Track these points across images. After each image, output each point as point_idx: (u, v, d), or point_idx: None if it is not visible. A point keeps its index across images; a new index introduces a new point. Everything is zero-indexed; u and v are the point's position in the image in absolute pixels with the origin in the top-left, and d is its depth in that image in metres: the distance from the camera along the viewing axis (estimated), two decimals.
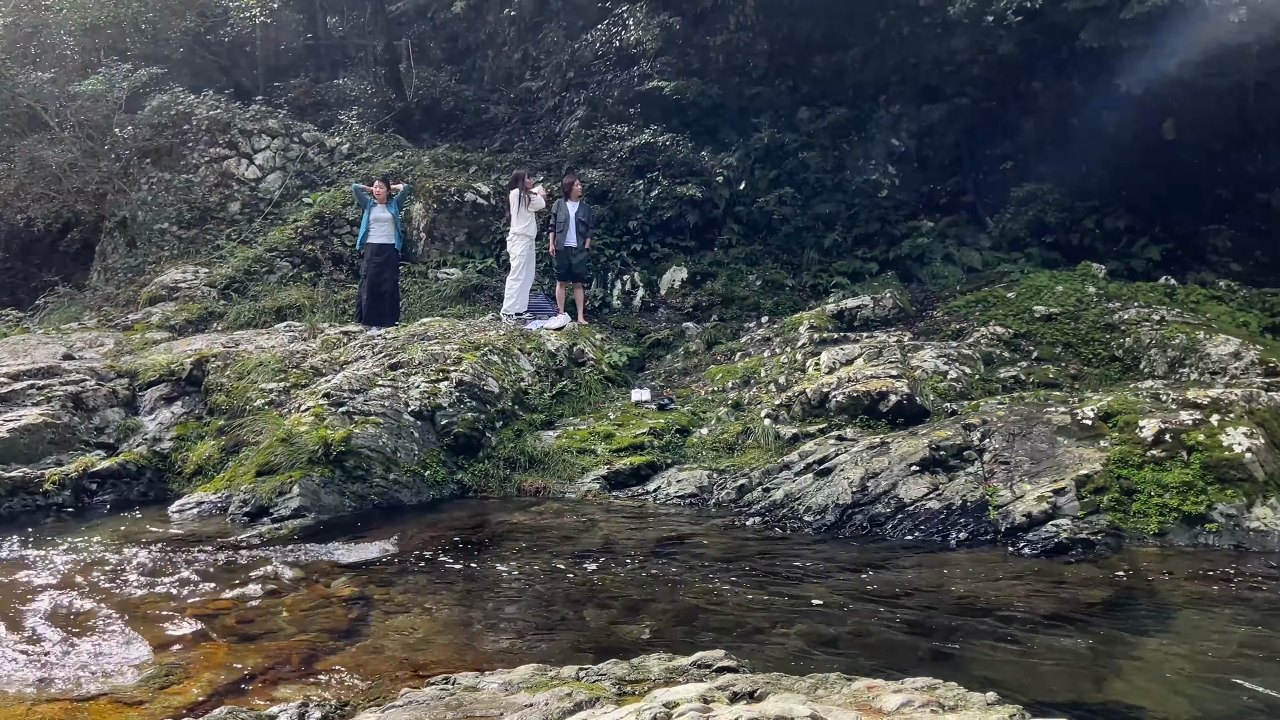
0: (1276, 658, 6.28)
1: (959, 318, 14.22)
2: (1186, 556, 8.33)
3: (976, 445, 9.84)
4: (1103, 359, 12.67)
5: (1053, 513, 8.73)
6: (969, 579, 7.85)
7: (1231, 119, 15.39)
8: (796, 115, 18.68)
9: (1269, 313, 13.66)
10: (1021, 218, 15.95)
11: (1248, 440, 9.08)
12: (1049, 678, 5.94)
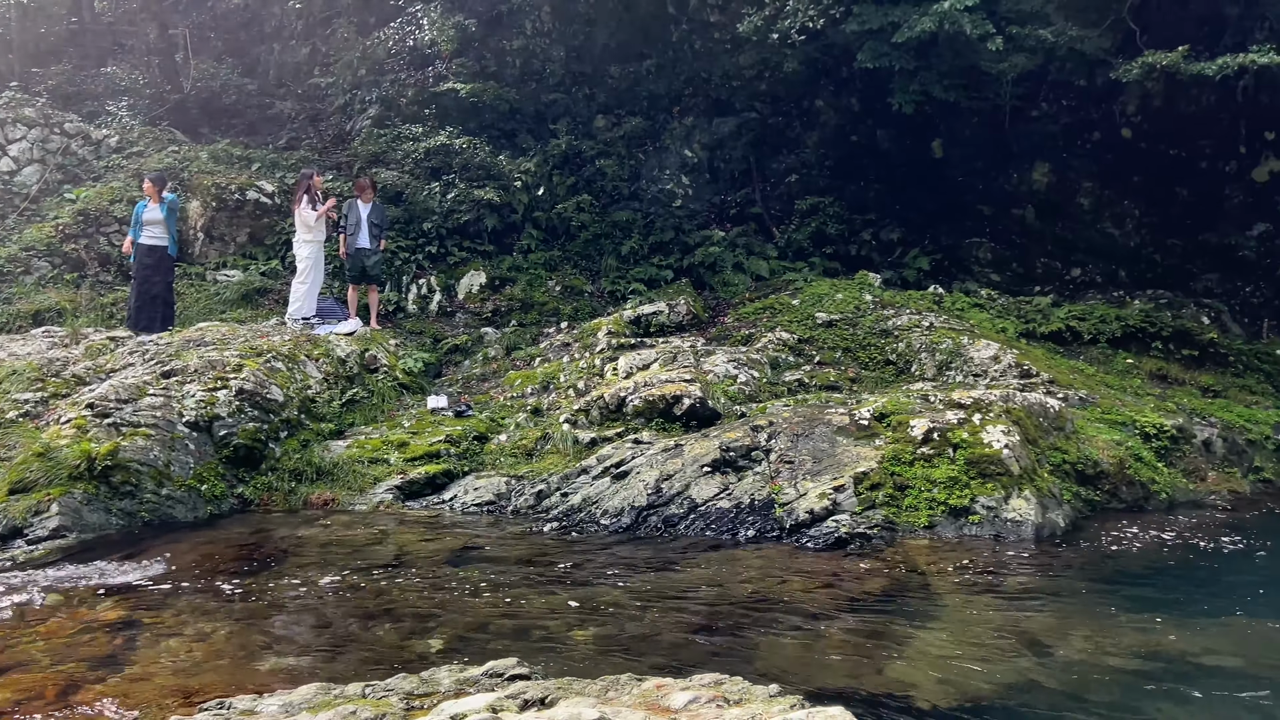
0: (1027, 637, 6.84)
1: (748, 324, 14.75)
2: (952, 547, 8.94)
3: (764, 446, 10.21)
4: (879, 362, 13.45)
5: (833, 509, 9.17)
6: (757, 575, 8.13)
7: (991, 140, 16.73)
8: (594, 123, 18.88)
9: (1024, 319, 14.91)
10: (805, 229, 16.73)
11: (1005, 437, 9.85)
12: (830, 667, 6.22)
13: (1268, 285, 16.03)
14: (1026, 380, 12.43)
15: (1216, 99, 15.79)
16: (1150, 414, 12.15)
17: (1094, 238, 16.42)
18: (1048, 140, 16.59)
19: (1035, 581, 8.17)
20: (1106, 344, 14.57)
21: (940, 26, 13.74)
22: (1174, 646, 6.73)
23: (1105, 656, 6.54)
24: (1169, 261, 16.25)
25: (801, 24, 14.71)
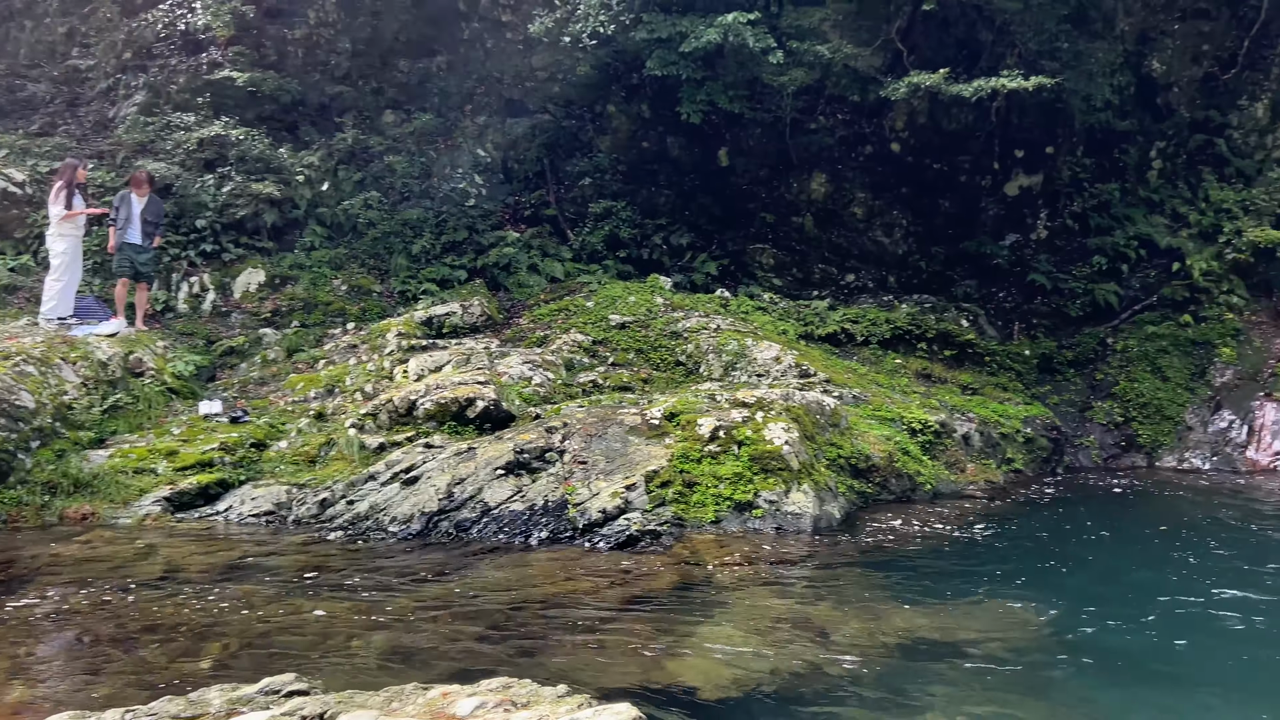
0: (807, 625, 7.16)
1: (543, 325, 14.74)
2: (737, 540, 9.24)
3: (558, 447, 10.23)
4: (670, 363, 13.76)
5: (625, 508, 9.29)
6: (550, 576, 8.12)
7: (774, 150, 17.45)
8: (382, 118, 18.37)
9: (803, 322, 15.64)
10: (599, 232, 16.90)
11: (786, 434, 10.28)
12: (620, 664, 6.29)
13: (1018, 291, 17.51)
14: (805, 380, 13.03)
15: (974, 118, 17.10)
16: (916, 410, 13.01)
17: (867, 245, 17.44)
18: (825, 152, 17.47)
19: (814, 571, 8.57)
20: (877, 345, 15.50)
21: (725, 38, 14.22)
22: (938, 627, 7.22)
23: (878, 639, 6.93)
24: (933, 268, 17.46)
25: (593, 29, 14.86)
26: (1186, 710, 5.94)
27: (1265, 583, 8.62)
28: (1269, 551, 9.85)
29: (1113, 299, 16.92)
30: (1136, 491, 13.23)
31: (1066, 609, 7.69)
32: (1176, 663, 6.71)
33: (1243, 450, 15.25)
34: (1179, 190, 17.73)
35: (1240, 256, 16.57)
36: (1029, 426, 14.24)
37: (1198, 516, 11.64)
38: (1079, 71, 16.27)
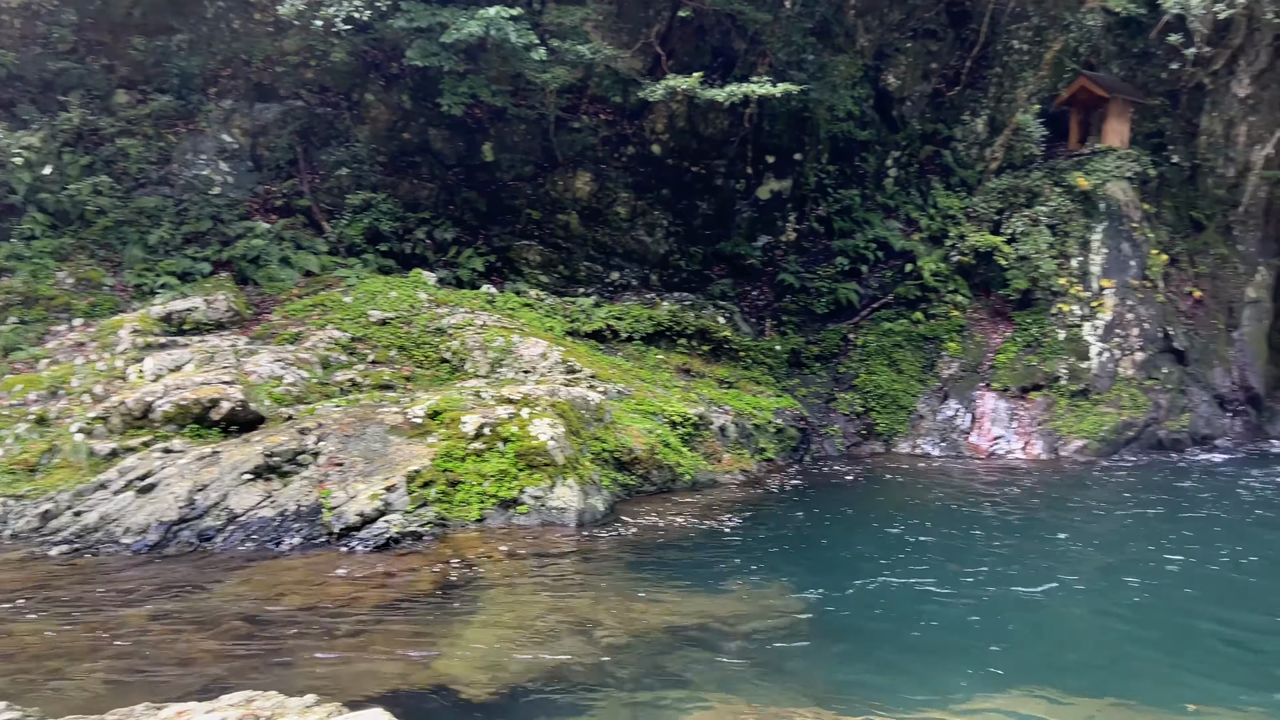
0: (570, 618, 7.20)
1: (297, 321, 14.05)
2: (503, 537, 9.17)
3: (312, 449, 9.78)
4: (434, 360, 13.47)
5: (385, 509, 9.01)
6: (303, 584, 7.75)
7: (539, 147, 17.45)
8: (114, 98, 16.88)
9: (569, 318, 15.74)
10: (358, 224, 16.30)
11: (551, 430, 10.30)
12: (377, 669, 6.08)
13: (770, 289, 18.39)
14: (571, 375, 13.12)
15: (729, 123, 17.81)
16: (677, 404, 13.39)
17: (630, 244, 17.78)
18: (589, 151, 17.66)
19: (577, 565, 8.63)
20: (641, 341, 15.84)
21: (487, 31, 14.06)
22: (696, 611, 7.45)
23: (640, 627, 7.07)
24: (692, 267, 18.04)
25: (347, 14, 14.28)
26: (903, 666, 6.42)
27: (971, 556, 9.48)
28: (979, 527, 10.82)
29: (854, 297, 18.10)
30: (875, 476, 14.20)
31: (810, 586, 8.15)
32: (896, 628, 7.25)
33: (966, 436, 16.72)
34: (912, 197, 19.19)
35: (964, 259, 18.14)
36: (780, 417, 14.98)
37: (926, 497, 12.66)
38: (824, 83, 17.28)
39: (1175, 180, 20.58)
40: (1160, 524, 11.38)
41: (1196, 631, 7.55)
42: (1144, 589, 8.65)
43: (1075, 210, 18.03)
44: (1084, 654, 7.02)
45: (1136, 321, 17.78)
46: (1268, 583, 8.94)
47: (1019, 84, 18.91)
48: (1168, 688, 6.30)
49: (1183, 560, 9.59)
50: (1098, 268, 17.96)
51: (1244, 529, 11.17)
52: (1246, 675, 6.63)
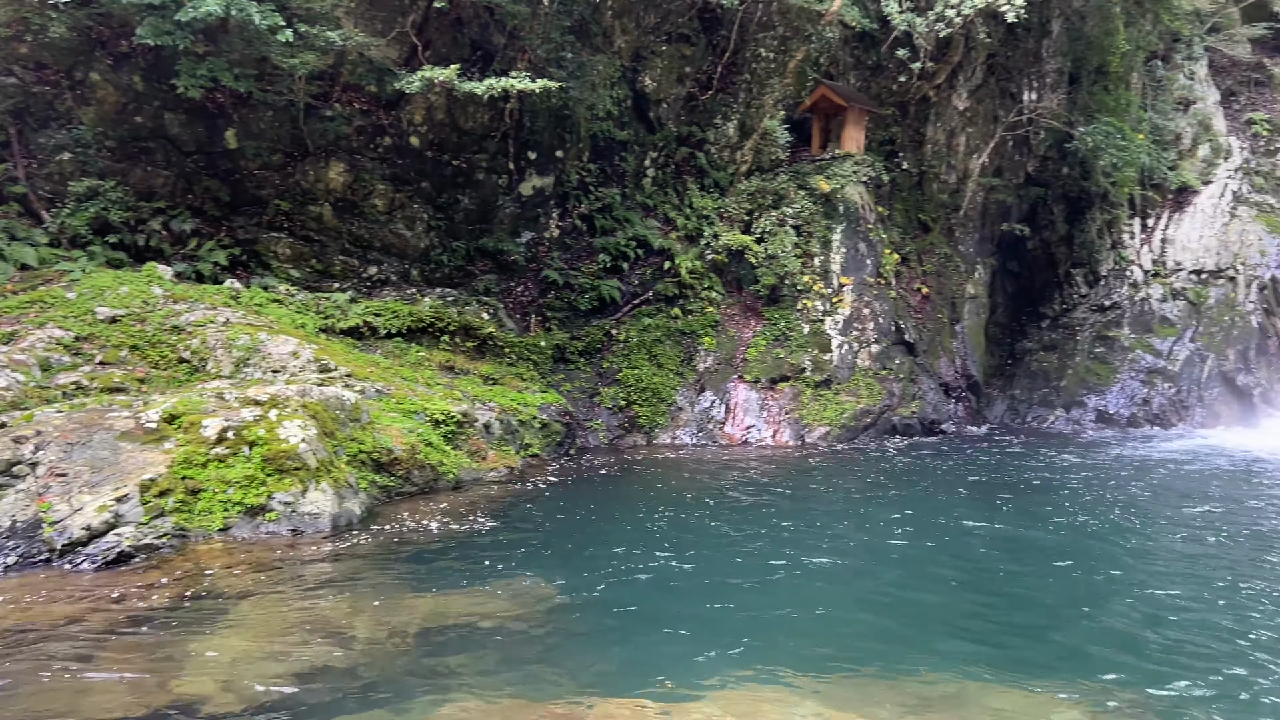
0: (324, 626, 6.91)
1: (10, 319, 12.70)
2: (250, 547, 8.68)
3: (29, 459, 8.88)
4: (171, 361, 12.56)
5: (115, 522, 8.32)
6: (19, 608, 7.03)
7: (288, 135, 16.62)
8: None
9: (323, 315, 15.11)
10: (83, 214, 14.94)
11: (302, 432, 9.85)
12: (111, 694, 5.61)
13: (534, 285, 18.43)
14: (326, 374, 12.61)
15: (490, 118, 17.66)
16: (439, 402, 13.15)
17: (389, 237, 17.28)
18: (343, 141, 17.00)
19: (333, 571, 8.30)
20: (401, 338, 15.45)
21: (228, 11, 13.24)
22: (458, 611, 7.34)
23: (399, 630, 6.88)
24: (455, 262, 17.77)
25: None
26: (654, 651, 6.62)
27: (721, 541, 9.90)
28: (729, 513, 11.31)
29: (616, 294, 18.44)
30: (635, 468, 14.53)
31: (567, 578, 8.23)
32: (648, 614, 7.47)
33: (722, 426, 17.42)
34: (669, 197, 19.78)
35: (717, 257, 18.89)
36: (545, 413, 15.04)
37: (682, 487, 13.08)
38: (583, 81, 17.48)
39: (905, 185, 22.31)
40: (890, 503, 12.30)
41: (924, 602, 8.21)
42: (875, 564, 9.32)
43: (818, 212, 19.17)
44: (821, 628, 7.46)
45: (872, 316, 19.13)
46: (981, 552, 9.87)
47: (766, 90, 19.87)
48: (901, 656, 6.80)
49: (910, 535, 10.41)
50: (838, 266, 19.18)
51: (958, 504, 12.27)
52: (970, 638, 7.27)
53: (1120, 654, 6.92)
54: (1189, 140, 25.37)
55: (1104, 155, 21.98)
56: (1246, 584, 8.61)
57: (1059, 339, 24.13)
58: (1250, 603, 8.09)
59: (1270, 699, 6.10)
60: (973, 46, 21.19)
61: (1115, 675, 6.47)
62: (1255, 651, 6.93)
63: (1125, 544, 10.24)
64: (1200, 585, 8.59)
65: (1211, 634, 7.29)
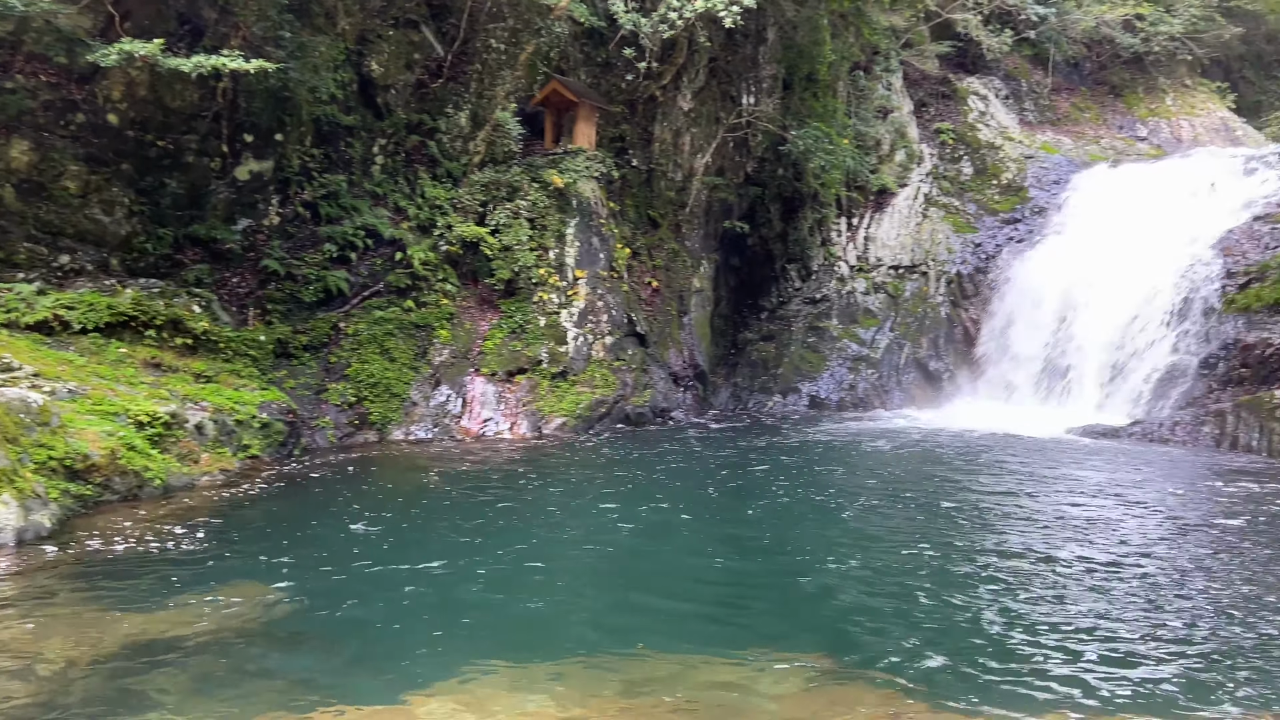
0: (3, 653, 6.21)
1: None
2: None
3: None
4: None
5: None
6: None
7: None
8: None
9: (5, 309, 13.54)
10: None
11: None
12: None
13: (252, 276, 17.36)
14: (8, 375, 11.31)
15: (201, 97, 16.44)
16: (144, 402, 12.14)
17: (84, 223, 15.72)
18: (26, 115, 15.26)
19: (17, 590, 7.48)
20: (99, 333, 14.10)
21: None
22: (163, 628, 6.81)
23: (95, 650, 6.31)
24: (161, 251, 16.42)
25: None
26: (374, 655, 6.46)
27: (449, 538, 9.82)
28: (459, 509, 11.23)
29: (344, 285, 17.74)
30: (366, 466, 14.08)
31: (290, 586, 7.86)
32: (370, 619, 7.27)
33: (458, 420, 17.22)
34: (400, 185, 19.26)
35: (451, 248, 18.62)
36: (265, 412, 14.24)
37: (414, 484, 12.82)
38: (304, 63, 16.66)
39: (635, 181, 22.94)
40: (617, 491, 12.64)
41: (648, 586, 8.49)
42: (603, 551, 9.54)
43: (551, 206, 19.34)
44: (551, 617, 7.54)
45: (606, 309, 19.55)
46: (699, 534, 10.34)
47: (498, 82, 19.80)
48: (625, 639, 6.99)
49: (635, 521, 10.73)
50: (572, 259, 19.45)
51: (681, 488, 12.80)
52: (690, 617, 7.58)
53: (821, 622, 7.47)
54: (888, 146, 27.71)
55: (814, 158, 23.58)
56: (922, 548, 9.52)
57: (776, 330, 25.68)
58: (922, 564, 8.95)
59: (934, 652, 6.77)
60: (695, 49, 22.08)
61: (818, 640, 6.97)
62: (916, 611, 7.68)
63: (828, 518, 11.06)
64: (887, 554, 9.41)
65: (890, 598, 8.01)
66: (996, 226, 27.01)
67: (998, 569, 8.79)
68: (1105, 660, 6.59)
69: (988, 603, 7.80)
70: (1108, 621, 7.38)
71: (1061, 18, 32.52)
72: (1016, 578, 8.52)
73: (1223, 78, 36.31)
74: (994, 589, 8.17)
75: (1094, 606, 7.74)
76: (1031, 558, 9.18)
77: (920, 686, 6.13)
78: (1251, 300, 19.74)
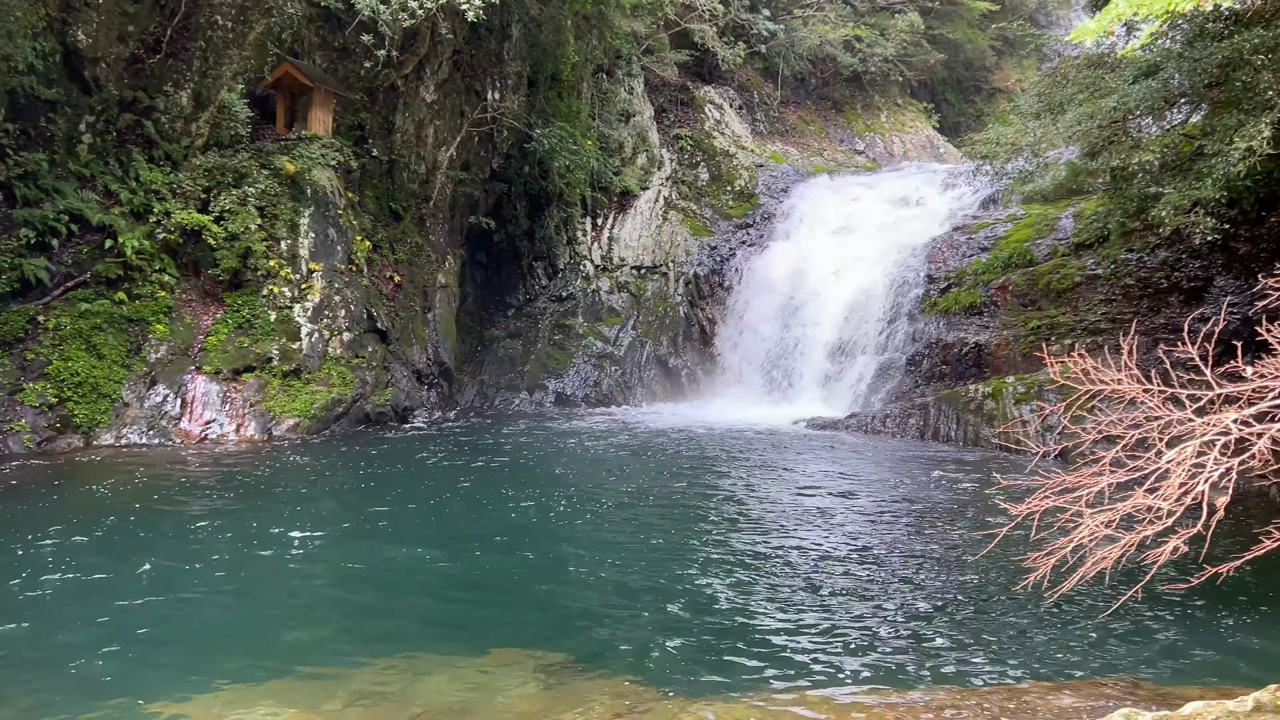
0: None
1: None
2: None
3: None
4: None
5: None
6: None
7: None
8: None
9: None
10: None
11: None
12: None
13: None
14: None
15: None
16: None
17: None
18: None
19: None
20: None
21: None
22: None
23: None
24: None
25: None
26: (93, 670, 5.93)
27: (156, 551, 9.16)
28: (165, 520, 10.48)
29: (44, 275, 16.05)
30: (68, 475, 12.83)
31: None
32: (92, 636, 6.67)
33: (177, 422, 16.02)
34: (111, 167, 17.65)
35: (170, 237, 17.29)
36: None
37: (119, 494, 11.80)
38: None
39: (376, 172, 22.25)
40: (355, 494, 12.22)
41: (387, 591, 8.25)
42: (334, 559, 9.18)
43: (283, 194, 18.39)
44: (280, 629, 7.18)
45: (344, 304, 18.83)
46: (438, 536, 10.17)
47: (224, 61, 18.59)
48: (359, 648, 6.75)
49: (373, 524, 10.41)
50: (306, 251, 18.58)
51: (420, 490, 12.56)
52: (426, 621, 7.42)
53: (559, 621, 7.54)
54: (630, 149, 28.41)
55: (559, 157, 23.79)
56: (655, 543, 9.84)
57: (523, 327, 25.72)
58: (655, 559, 9.26)
59: (665, 642, 7.02)
60: (439, 41, 21.68)
61: (556, 638, 7.04)
62: (649, 605, 7.95)
63: (567, 517, 11.19)
64: (622, 550, 9.65)
65: (624, 593, 8.22)
66: (731, 230, 28.33)
67: (724, 558, 9.21)
68: (821, 634, 7.06)
69: (716, 590, 8.16)
70: (822, 599, 7.90)
71: (790, 34, 34.55)
72: (741, 564, 8.96)
73: (929, 99, 39.96)
74: (721, 577, 8.55)
75: (810, 587, 8.27)
76: (753, 544, 9.69)
77: (651, 676, 6.31)
78: (951, 304, 21.80)
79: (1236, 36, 13.28)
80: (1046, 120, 16.76)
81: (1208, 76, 13.85)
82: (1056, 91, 16.95)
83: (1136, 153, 15.47)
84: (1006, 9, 39.97)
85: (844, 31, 35.55)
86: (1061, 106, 16.41)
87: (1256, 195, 16.31)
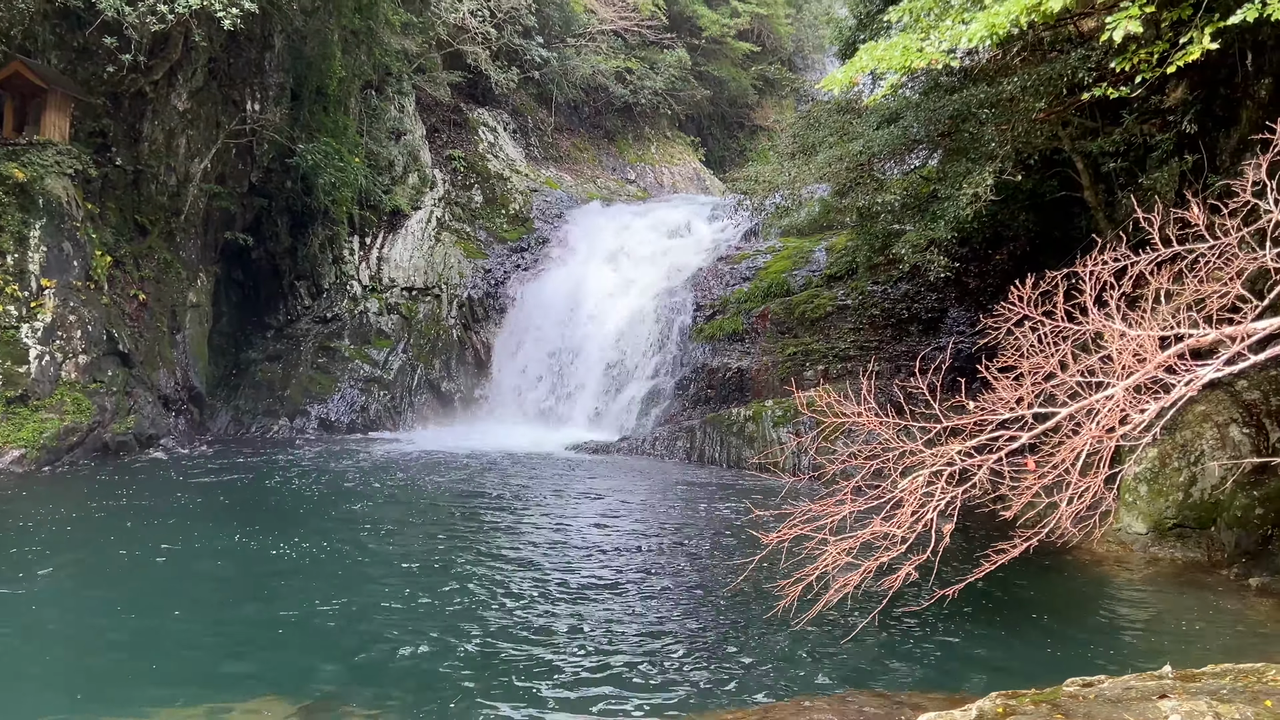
0: None
1: None
2: None
3: None
4: None
5: None
6: None
7: None
8: None
9: None
10: None
11: None
12: None
13: None
14: None
15: None
16: None
17: None
18: None
19: None
20: None
21: None
22: None
23: None
24: None
25: None
26: None
27: None
28: None
29: None
30: None
31: None
32: None
33: None
34: None
35: None
36: None
37: None
38: None
39: (120, 183, 20.66)
40: (89, 535, 11.25)
41: (140, 633, 7.63)
42: (89, 604, 8.42)
43: (11, 204, 16.77)
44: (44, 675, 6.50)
45: (80, 324, 17.34)
46: (187, 577, 9.53)
47: None
48: (120, 694, 6.21)
49: (107, 569, 9.62)
50: (37, 266, 17.00)
51: (163, 528, 11.74)
52: (175, 665, 6.92)
53: (281, 662, 7.24)
54: (401, 168, 27.81)
55: (324, 173, 22.96)
56: (412, 573, 9.64)
57: (284, 349, 24.55)
58: (410, 593, 9.08)
59: (409, 677, 6.89)
60: (192, 47, 20.44)
61: (273, 680, 6.75)
62: (388, 640, 7.78)
63: (310, 553, 10.76)
64: (375, 582, 9.38)
65: (363, 628, 8.01)
66: (505, 254, 28.27)
67: (483, 592, 9.13)
68: (575, 667, 7.11)
69: (468, 628, 8.06)
70: (583, 632, 7.98)
71: (563, 62, 35.00)
72: (498, 598, 8.91)
73: (696, 133, 41.54)
74: (479, 612, 8.47)
75: (572, 617, 8.33)
76: (516, 577, 9.67)
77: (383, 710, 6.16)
78: (715, 330, 22.68)
79: (965, 91, 14.64)
80: (801, 160, 17.81)
81: (941, 126, 15.17)
82: (810, 133, 18.07)
83: (880, 193, 16.72)
84: (767, 50, 42.27)
85: (616, 63, 36.40)
86: (814, 148, 17.51)
87: (984, 235, 18.01)
